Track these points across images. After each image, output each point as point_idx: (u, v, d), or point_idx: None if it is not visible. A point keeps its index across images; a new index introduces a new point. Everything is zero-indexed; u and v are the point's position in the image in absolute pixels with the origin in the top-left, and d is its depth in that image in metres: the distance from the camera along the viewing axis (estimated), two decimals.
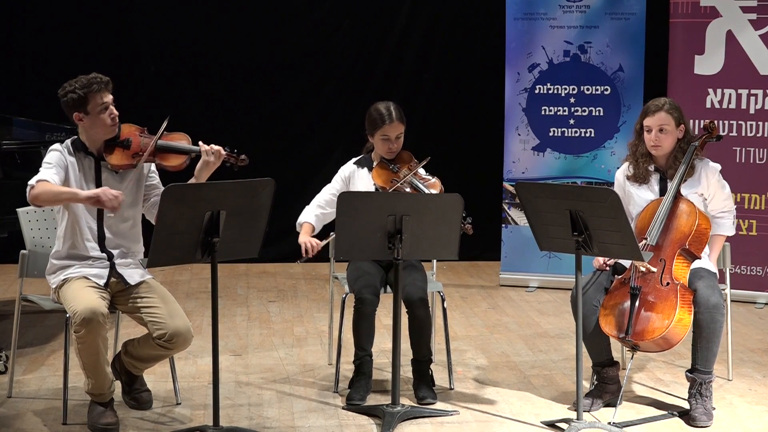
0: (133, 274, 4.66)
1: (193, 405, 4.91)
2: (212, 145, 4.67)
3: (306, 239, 5.07)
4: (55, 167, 4.54)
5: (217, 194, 4.24)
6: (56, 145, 4.63)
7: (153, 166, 4.73)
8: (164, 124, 4.61)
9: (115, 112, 4.59)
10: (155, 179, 4.76)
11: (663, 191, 4.92)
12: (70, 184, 4.56)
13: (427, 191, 5.00)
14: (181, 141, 4.71)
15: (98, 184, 4.60)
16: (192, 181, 4.64)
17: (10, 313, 5.48)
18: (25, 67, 8.35)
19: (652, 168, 4.97)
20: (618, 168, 5.15)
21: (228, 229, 4.26)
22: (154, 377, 5.13)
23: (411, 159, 5.15)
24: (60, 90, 4.61)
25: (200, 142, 4.68)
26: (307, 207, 5.23)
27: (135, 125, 4.71)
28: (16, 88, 8.24)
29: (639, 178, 4.97)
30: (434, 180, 5.12)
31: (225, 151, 4.69)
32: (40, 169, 4.55)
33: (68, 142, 4.65)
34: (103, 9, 8.37)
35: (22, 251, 4.92)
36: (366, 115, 5.15)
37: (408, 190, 5.02)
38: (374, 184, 5.11)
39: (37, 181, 4.46)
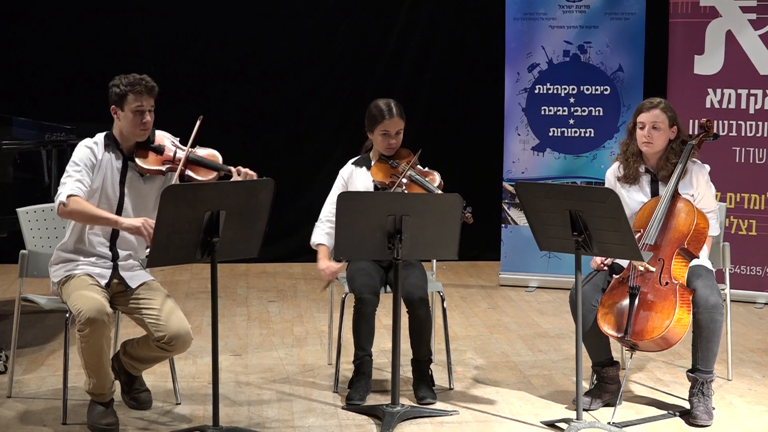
0: (135, 276, 4.66)
1: (192, 405, 4.91)
2: (242, 168, 4.65)
3: (325, 265, 5.06)
4: (83, 170, 4.51)
5: (216, 194, 4.25)
6: (88, 141, 4.61)
7: (176, 177, 4.71)
8: (195, 131, 4.59)
9: (149, 119, 4.58)
10: None
11: (654, 193, 4.93)
12: (102, 183, 4.55)
13: (427, 184, 5.00)
14: (212, 159, 4.71)
15: (122, 183, 4.61)
16: None
17: (10, 312, 5.48)
18: (26, 67, 8.35)
19: (642, 169, 4.97)
20: (609, 167, 5.15)
21: (228, 229, 4.26)
22: (154, 377, 5.13)
23: (410, 155, 5.15)
24: (111, 81, 4.60)
25: (231, 167, 4.67)
26: (316, 224, 5.17)
27: (168, 133, 4.72)
28: (16, 89, 8.24)
29: (630, 178, 4.97)
30: (434, 173, 5.12)
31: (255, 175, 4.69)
32: (68, 171, 4.51)
33: (101, 136, 4.64)
34: (103, 9, 8.38)
35: (22, 251, 4.92)
36: (366, 112, 5.15)
37: (405, 181, 5.01)
38: (373, 181, 5.11)
39: (68, 197, 4.44)
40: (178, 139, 4.74)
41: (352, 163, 5.25)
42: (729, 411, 4.89)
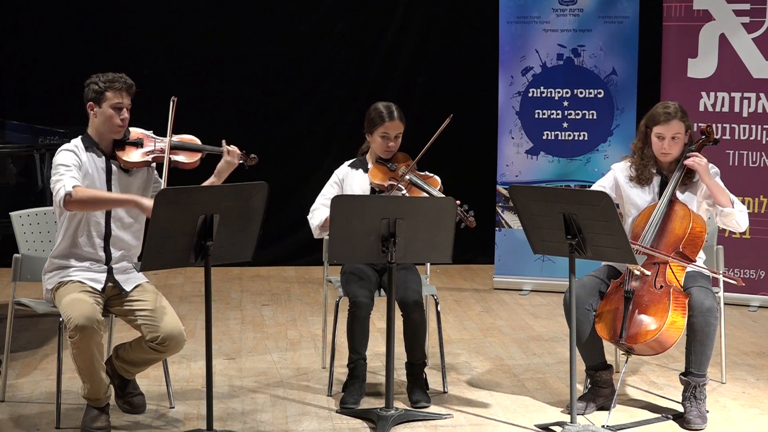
0: (129, 279, 4.66)
1: (186, 409, 4.90)
2: (232, 146, 4.76)
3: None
4: (73, 169, 4.51)
5: (210, 198, 4.24)
6: (68, 145, 4.60)
7: (155, 172, 4.72)
8: (172, 116, 4.63)
9: (126, 116, 4.61)
10: (159, 183, 4.75)
11: (662, 193, 4.92)
12: (90, 185, 4.55)
13: (428, 188, 5.00)
14: (192, 143, 4.77)
15: (109, 181, 4.62)
16: (212, 180, 4.72)
17: (3, 316, 5.47)
18: (19, 70, 8.34)
19: (655, 170, 4.98)
20: (617, 162, 5.13)
21: (221, 232, 4.26)
22: (148, 381, 5.12)
23: (407, 159, 5.15)
24: (87, 80, 4.63)
25: (223, 142, 4.76)
26: (318, 209, 5.11)
27: (141, 129, 4.74)
28: (8, 92, 8.22)
29: (643, 179, 4.97)
30: (434, 177, 5.12)
31: (240, 151, 4.77)
32: (59, 171, 4.49)
33: (78, 140, 4.64)
34: (97, 12, 8.37)
35: (15, 255, 4.91)
36: (366, 114, 5.15)
37: (404, 186, 5.01)
38: (371, 184, 5.10)
39: (74, 187, 4.43)
40: (151, 131, 4.75)
41: (349, 165, 5.24)
42: (723, 414, 4.90)
